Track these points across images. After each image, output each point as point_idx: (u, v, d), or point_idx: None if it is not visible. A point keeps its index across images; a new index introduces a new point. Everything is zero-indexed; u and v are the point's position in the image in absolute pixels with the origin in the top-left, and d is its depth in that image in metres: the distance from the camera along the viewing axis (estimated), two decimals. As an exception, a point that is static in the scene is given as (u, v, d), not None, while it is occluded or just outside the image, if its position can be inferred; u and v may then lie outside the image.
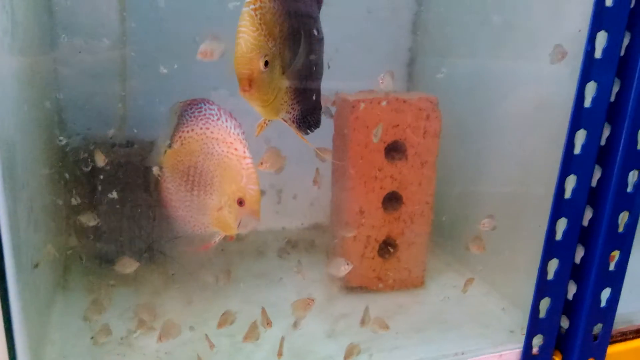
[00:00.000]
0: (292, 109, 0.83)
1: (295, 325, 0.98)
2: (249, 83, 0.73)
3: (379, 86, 0.96)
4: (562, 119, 0.89)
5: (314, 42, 0.85)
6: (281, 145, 1.32)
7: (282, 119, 0.84)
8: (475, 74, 1.22)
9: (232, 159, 0.87)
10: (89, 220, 1.05)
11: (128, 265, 0.97)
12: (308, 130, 0.88)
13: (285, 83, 0.79)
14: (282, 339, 0.94)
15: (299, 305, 0.96)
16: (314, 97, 0.87)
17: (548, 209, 0.92)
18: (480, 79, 1.20)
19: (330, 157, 1.13)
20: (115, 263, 0.98)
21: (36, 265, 0.88)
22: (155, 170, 0.90)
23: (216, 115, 0.88)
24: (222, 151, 0.88)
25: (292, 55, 0.79)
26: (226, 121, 0.88)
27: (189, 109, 0.90)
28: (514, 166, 1.13)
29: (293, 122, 0.85)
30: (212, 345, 0.92)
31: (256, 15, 0.72)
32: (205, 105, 0.88)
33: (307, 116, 0.87)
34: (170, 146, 0.91)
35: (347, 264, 1.01)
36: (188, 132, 0.89)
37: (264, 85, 0.75)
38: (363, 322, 0.98)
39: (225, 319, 0.93)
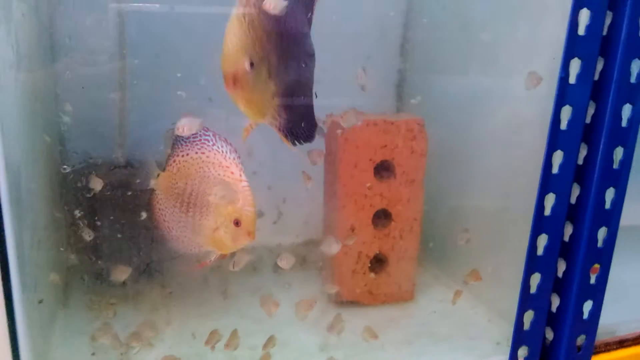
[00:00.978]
0: (279, 115, 0.86)
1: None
2: (233, 81, 0.78)
3: (357, 81, 0.97)
4: (542, 136, 0.93)
5: (303, 55, 0.89)
6: (276, 163, 1.38)
7: (269, 123, 0.87)
8: (461, 93, 1.26)
9: (229, 182, 0.91)
10: (85, 234, 1.09)
11: (121, 273, 1.00)
12: (296, 142, 0.91)
13: (271, 87, 0.83)
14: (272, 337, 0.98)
15: (302, 306, 1.00)
16: (303, 110, 0.90)
17: (530, 224, 0.97)
18: (465, 97, 1.25)
19: (322, 160, 1.13)
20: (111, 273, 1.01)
21: (41, 301, 0.92)
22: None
23: (211, 140, 0.92)
24: (219, 174, 0.92)
25: (279, 62, 0.82)
26: (222, 146, 0.92)
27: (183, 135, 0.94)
28: (497, 183, 1.18)
29: (279, 129, 0.88)
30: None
31: (244, 20, 0.77)
32: (200, 131, 0.92)
33: (296, 127, 0.90)
34: (164, 170, 0.95)
35: (337, 242, 1.05)
36: (183, 156, 0.93)
37: (248, 85, 0.79)
38: (332, 328, 1.01)
39: (212, 337, 0.96)
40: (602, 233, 0.97)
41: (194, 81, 1.07)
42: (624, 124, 0.92)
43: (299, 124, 0.90)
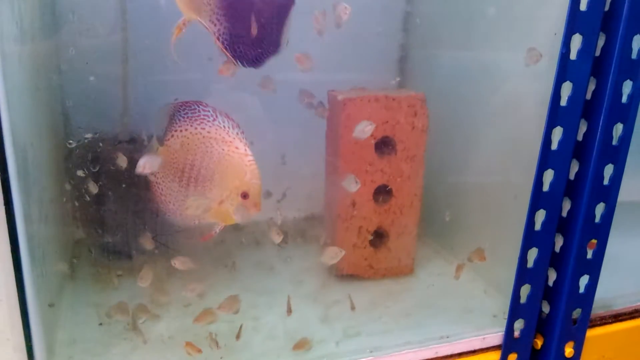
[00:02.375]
0: (217, 20, 0.79)
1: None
2: None
3: (315, 26, 0.89)
4: (542, 112, 0.94)
5: None
6: (277, 141, 1.39)
7: (207, 27, 0.79)
8: (464, 68, 1.26)
9: (234, 157, 0.93)
10: (90, 208, 1.11)
11: (183, 263, 1.03)
12: (240, 61, 0.83)
13: None
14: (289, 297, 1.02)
15: (329, 253, 1.04)
16: (257, 25, 0.81)
17: (528, 200, 0.98)
18: (466, 73, 1.25)
19: (273, 88, 1.01)
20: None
21: (51, 305, 0.95)
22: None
23: (212, 116, 0.93)
24: (223, 150, 0.93)
25: None
26: (223, 121, 0.93)
27: (181, 110, 0.95)
28: (497, 157, 1.18)
29: (217, 38, 0.79)
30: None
31: None
32: (199, 107, 0.93)
33: (240, 42, 0.81)
34: (162, 144, 0.96)
35: (340, 251, 1.07)
36: (181, 131, 0.94)
37: None
38: (353, 307, 1.04)
39: (205, 317, 0.98)
40: (600, 209, 0.98)
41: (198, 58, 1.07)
42: (624, 100, 0.92)
43: (246, 40, 0.80)
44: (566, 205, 1.00)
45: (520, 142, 1.09)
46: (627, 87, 0.92)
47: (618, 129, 0.94)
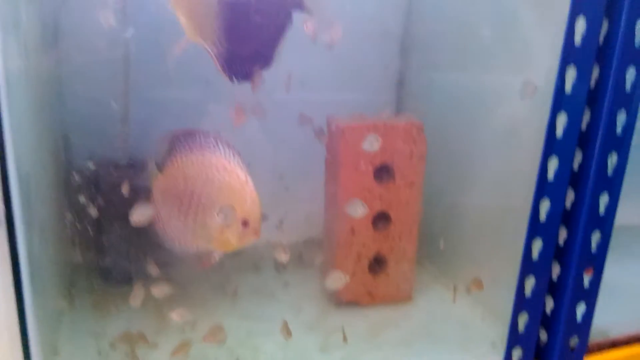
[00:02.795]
0: (219, 42, 0.81)
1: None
2: None
3: (306, 31, 0.90)
4: (539, 138, 0.95)
5: (272, 6, 0.83)
6: (275, 162, 1.40)
7: (208, 48, 0.81)
8: (461, 93, 1.28)
9: (235, 185, 0.93)
10: (90, 234, 1.11)
11: (180, 314, 1.03)
12: (234, 77, 0.85)
13: (214, 7, 0.78)
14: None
15: (332, 278, 1.06)
16: (250, 45, 0.84)
17: (525, 227, 0.99)
18: (464, 99, 1.27)
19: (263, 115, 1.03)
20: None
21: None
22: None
23: (213, 144, 0.94)
24: (224, 178, 0.94)
25: None
26: (224, 150, 0.94)
27: (182, 138, 0.96)
28: (495, 183, 1.19)
29: (217, 58, 0.82)
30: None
31: None
32: (199, 135, 0.94)
33: (236, 61, 0.84)
34: (161, 171, 0.97)
35: (344, 276, 1.08)
36: (182, 159, 0.95)
37: None
38: (345, 339, 1.04)
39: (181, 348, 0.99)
40: (595, 238, 0.99)
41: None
42: (618, 131, 0.94)
43: (241, 59, 0.84)
44: (562, 234, 1.01)
45: (518, 168, 1.10)
46: (621, 118, 0.94)
47: (613, 159, 0.96)
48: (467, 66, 1.27)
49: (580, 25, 0.88)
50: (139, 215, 0.89)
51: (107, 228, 1.14)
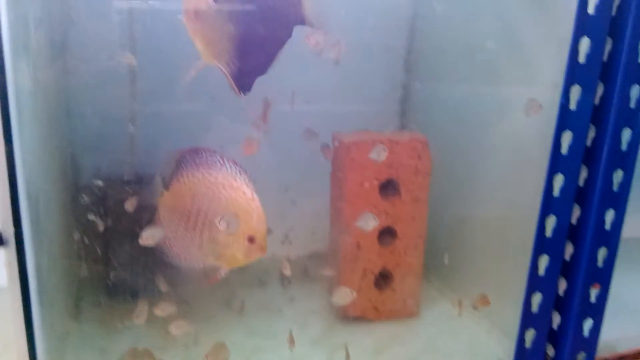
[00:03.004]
0: (233, 62, 0.84)
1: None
2: (194, 13, 0.75)
3: (309, 47, 0.92)
4: (544, 153, 0.96)
5: (276, 22, 0.86)
6: (280, 176, 1.40)
7: (222, 67, 0.84)
8: (466, 107, 1.28)
9: (242, 202, 0.94)
10: (97, 251, 1.12)
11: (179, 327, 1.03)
12: (241, 91, 0.88)
13: (230, 30, 0.80)
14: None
15: (340, 294, 1.06)
16: (256, 62, 0.87)
17: (531, 242, 0.99)
18: (468, 115, 1.27)
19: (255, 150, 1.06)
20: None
21: None
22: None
23: (219, 162, 0.95)
24: (230, 195, 0.94)
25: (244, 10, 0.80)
26: (230, 168, 0.95)
27: (188, 156, 0.97)
28: (501, 197, 1.20)
29: (231, 76, 0.85)
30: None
31: None
32: (206, 153, 0.95)
33: (245, 77, 0.87)
34: (167, 189, 0.98)
35: (351, 292, 1.08)
36: (188, 176, 0.96)
37: (208, 20, 0.76)
38: (347, 358, 1.04)
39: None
40: (602, 253, 0.99)
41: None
42: (623, 147, 0.95)
43: (249, 75, 0.87)
44: (569, 250, 1.01)
45: (523, 182, 1.11)
46: (626, 134, 0.94)
47: (618, 175, 0.96)
48: (472, 81, 1.27)
49: (585, 44, 0.88)
50: (148, 237, 0.89)
51: (114, 244, 1.15)
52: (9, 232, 0.69)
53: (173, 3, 1.04)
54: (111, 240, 1.15)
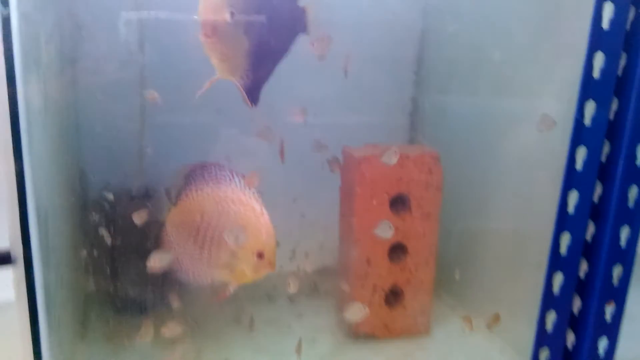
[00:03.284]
0: (247, 75, 0.85)
1: None
2: (211, 30, 0.76)
3: (313, 51, 0.92)
4: (559, 167, 0.94)
5: (284, 19, 0.87)
6: (289, 189, 1.39)
7: (236, 81, 0.85)
8: (476, 120, 1.27)
9: (251, 217, 0.93)
10: (105, 267, 1.11)
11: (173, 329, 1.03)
12: (252, 104, 0.89)
13: (245, 44, 0.81)
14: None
15: (352, 310, 1.05)
16: (265, 74, 0.88)
17: (544, 259, 0.97)
18: (481, 124, 1.26)
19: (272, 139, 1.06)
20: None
21: None
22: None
23: (228, 177, 0.94)
24: (239, 210, 0.94)
25: (259, 20, 0.81)
26: (239, 183, 0.94)
27: (197, 171, 0.96)
28: (512, 215, 1.18)
29: (245, 89, 0.86)
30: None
31: None
32: (214, 168, 0.94)
33: (256, 89, 0.88)
34: (174, 204, 0.97)
35: (364, 308, 1.07)
36: (196, 191, 0.95)
37: (225, 37, 0.77)
38: None
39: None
40: (617, 271, 0.97)
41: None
42: (638, 163, 0.93)
43: (258, 86, 0.88)
44: (583, 267, 0.99)
45: (536, 198, 1.09)
46: (641, 150, 0.93)
47: (633, 191, 0.94)
48: (482, 94, 1.27)
49: (599, 59, 0.87)
50: (156, 261, 0.88)
51: (122, 260, 1.14)
52: (18, 251, 0.68)
53: (183, 14, 1.05)
54: (119, 256, 1.14)
